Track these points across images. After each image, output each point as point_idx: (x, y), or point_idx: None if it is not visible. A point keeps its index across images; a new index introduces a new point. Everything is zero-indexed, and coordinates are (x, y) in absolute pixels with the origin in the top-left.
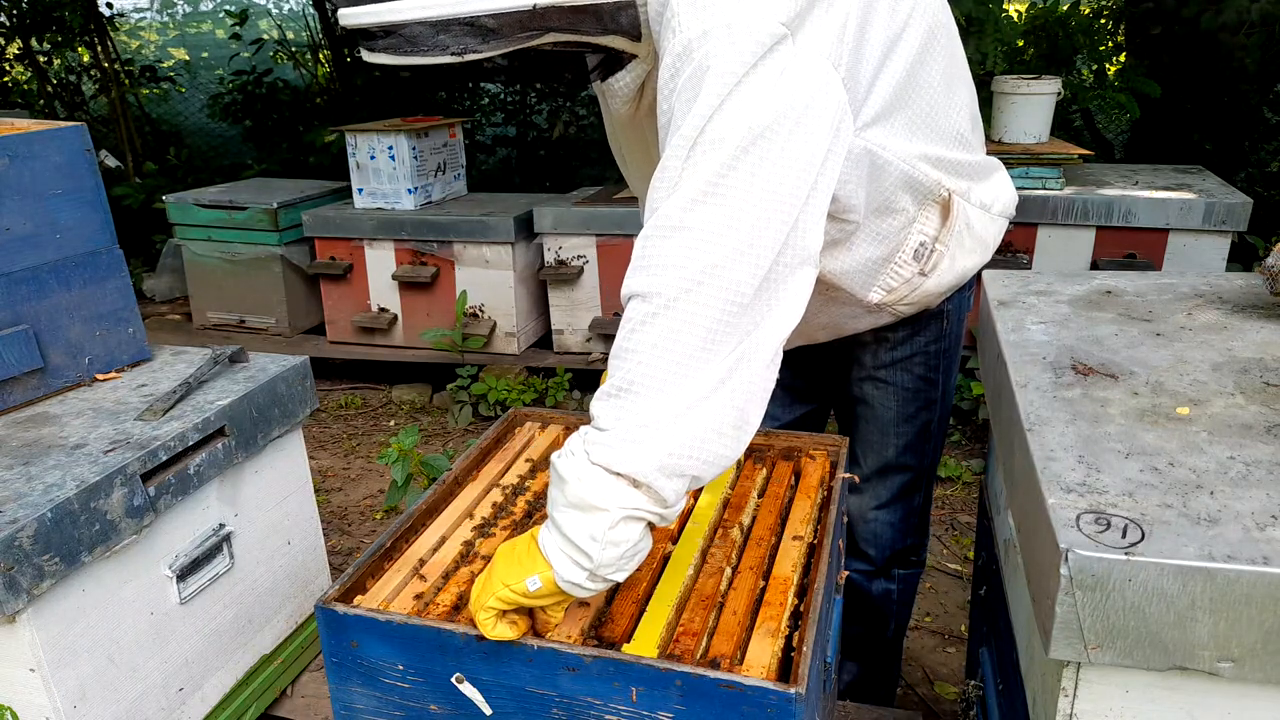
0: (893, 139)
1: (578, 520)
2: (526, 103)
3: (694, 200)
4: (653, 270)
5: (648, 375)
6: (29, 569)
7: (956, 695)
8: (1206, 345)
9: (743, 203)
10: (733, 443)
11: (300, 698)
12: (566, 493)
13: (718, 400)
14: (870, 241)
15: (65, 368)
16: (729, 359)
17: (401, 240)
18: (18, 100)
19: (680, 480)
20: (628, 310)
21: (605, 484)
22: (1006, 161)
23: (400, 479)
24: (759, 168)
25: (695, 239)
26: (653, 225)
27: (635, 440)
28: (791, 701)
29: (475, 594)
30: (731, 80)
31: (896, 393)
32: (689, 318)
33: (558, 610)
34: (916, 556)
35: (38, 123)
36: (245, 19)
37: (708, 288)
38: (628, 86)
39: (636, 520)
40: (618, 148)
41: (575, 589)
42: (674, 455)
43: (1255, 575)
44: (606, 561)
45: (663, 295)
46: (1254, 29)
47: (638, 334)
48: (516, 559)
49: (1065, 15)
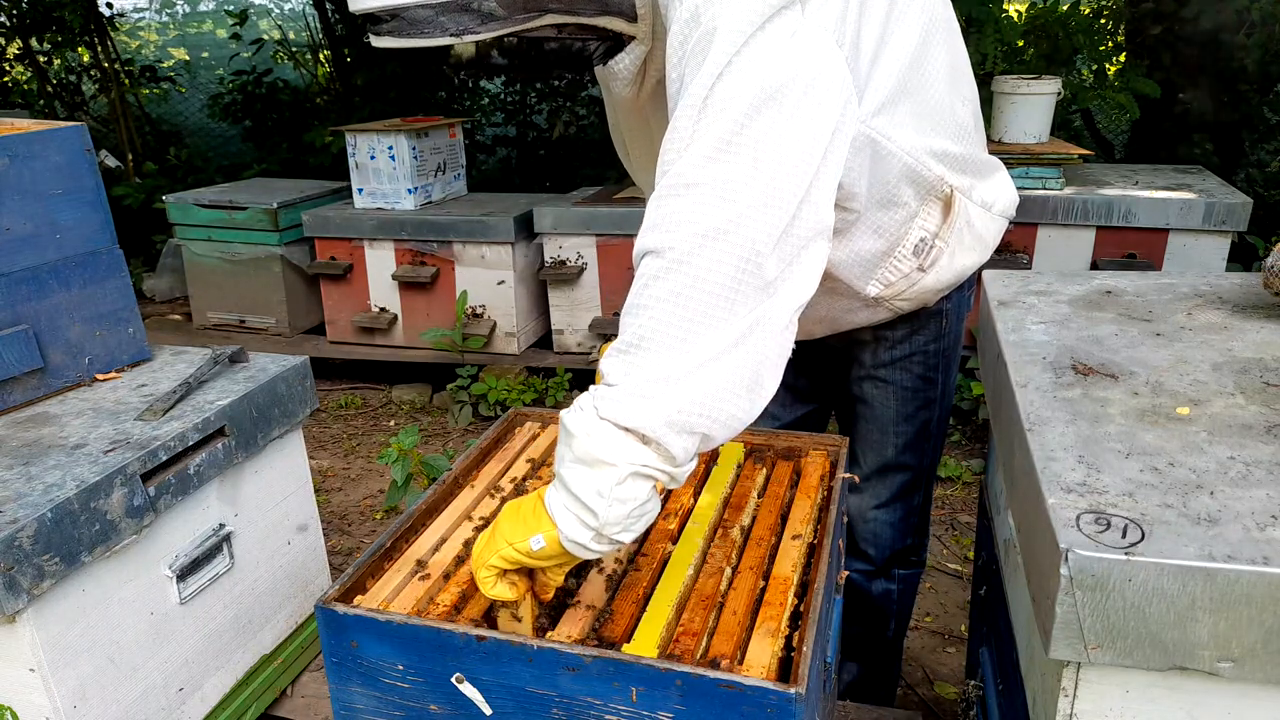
0: (896, 129)
1: (585, 476)
2: (526, 103)
3: (708, 158)
4: (666, 227)
5: (659, 331)
6: (29, 569)
7: (957, 695)
8: (1206, 345)
9: (757, 160)
10: (745, 403)
11: (300, 698)
12: (574, 447)
13: (731, 360)
14: (871, 234)
15: (65, 368)
16: (744, 320)
17: (401, 240)
18: (18, 100)
19: (690, 438)
20: (641, 267)
21: (614, 439)
22: (1006, 161)
23: (400, 479)
24: (772, 127)
25: (709, 194)
26: (665, 185)
27: (645, 395)
28: (791, 701)
29: (477, 551)
30: (740, 39)
31: (896, 392)
32: (703, 273)
33: (558, 573)
34: (916, 556)
35: (38, 123)
36: (245, 19)
37: (722, 244)
38: (628, 69)
39: (645, 478)
40: (620, 139)
41: (580, 549)
42: (684, 412)
43: (1255, 575)
44: (613, 519)
45: (676, 250)
46: (1254, 29)
47: (650, 289)
48: (521, 518)
49: (1065, 15)
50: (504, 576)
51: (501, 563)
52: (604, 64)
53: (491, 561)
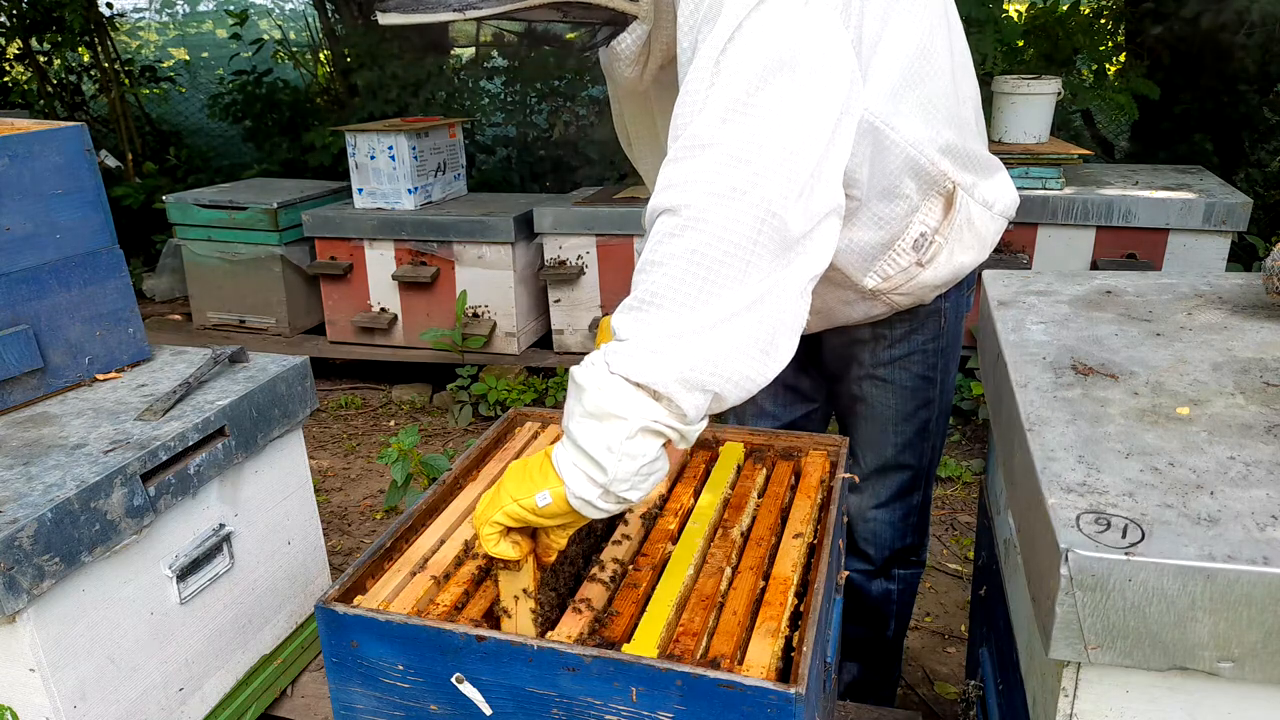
0: (900, 119)
1: (594, 430)
2: (526, 102)
3: (722, 119)
4: (682, 186)
5: (673, 289)
6: (29, 569)
7: (957, 695)
8: (1206, 345)
9: (773, 122)
10: (759, 365)
11: (300, 698)
12: (584, 401)
13: (746, 321)
14: (872, 225)
15: (65, 368)
16: (761, 283)
17: (401, 240)
18: (18, 100)
19: (702, 395)
20: (656, 225)
21: (625, 393)
22: (1006, 161)
23: (400, 479)
24: (787, 91)
25: (726, 154)
26: (679, 146)
27: (657, 350)
28: (791, 701)
29: (480, 509)
30: (753, 1)
31: (895, 391)
32: (720, 232)
33: (562, 535)
34: (916, 557)
35: (38, 123)
36: (245, 19)
37: (739, 203)
38: (630, 48)
39: (655, 434)
40: (623, 128)
41: (586, 507)
42: (696, 369)
43: (1255, 575)
44: (622, 475)
45: (692, 208)
46: (1254, 29)
47: (665, 246)
48: (527, 474)
49: (1065, 15)
50: (507, 535)
51: (506, 519)
52: (606, 44)
53: (496, 518)
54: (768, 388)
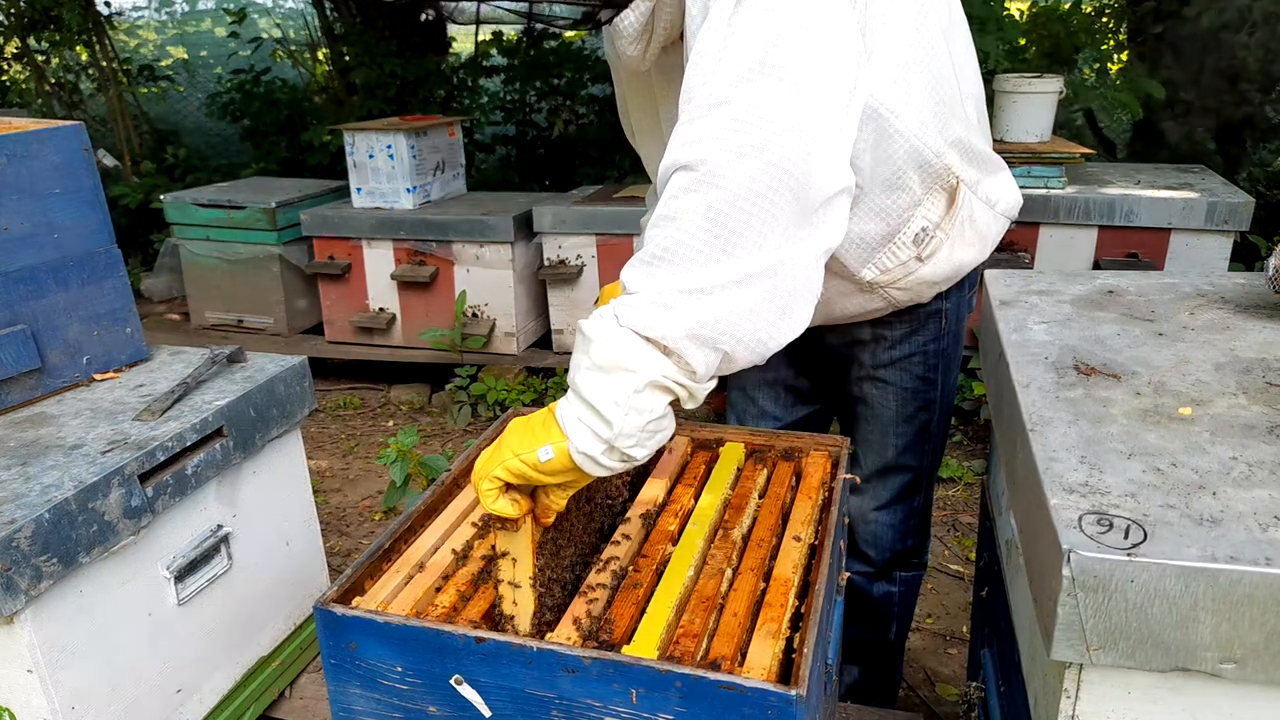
0: (903, 107)
1: (601, 384)
2: (526, 101)
3: (740, 77)
4: (699, 142)
5: (688, 244)
6: (27, 570)
7: (958, 697)
8: (1209, 345)
9: (791, 81)
10: (772, 329)
11: (299, 699)
12: (592, 353)
13: (761, 286)
14: (873, 216)
15: (63, 368)
16: (778, 248)
17: (400, 240)
18: (16, 99)
19: (713, 353)
20: (672, 180)
21: (634, 346)
22: (1008, 160)
23: (399, 479)
24: (804, 53)
25: (744, 111)
26: (695, 106)
27: (668, 305)
28: (792, 703)
29: (480, 465)
30: None
31: (896, 392)
32: (738, 189)
33: (561, 496)
34: (918, 559)
35: (36, 122)
36: (243, 17)
37: (757, 161)
38: (633, 25)
39: (663, 390)
40: (626, 115)
41: (589, 463)
42: (708, 326)
43: (1258, 576)
44: (627, 431)
45: (709, 164)
46: (1256, 28)
47: (680, 201)
48: (530, 430)
49: (1067, 14)
50: (507, 492)
51: (506, 474)
52: (609, 22)
53: (495, 473)
54: (768, 389)
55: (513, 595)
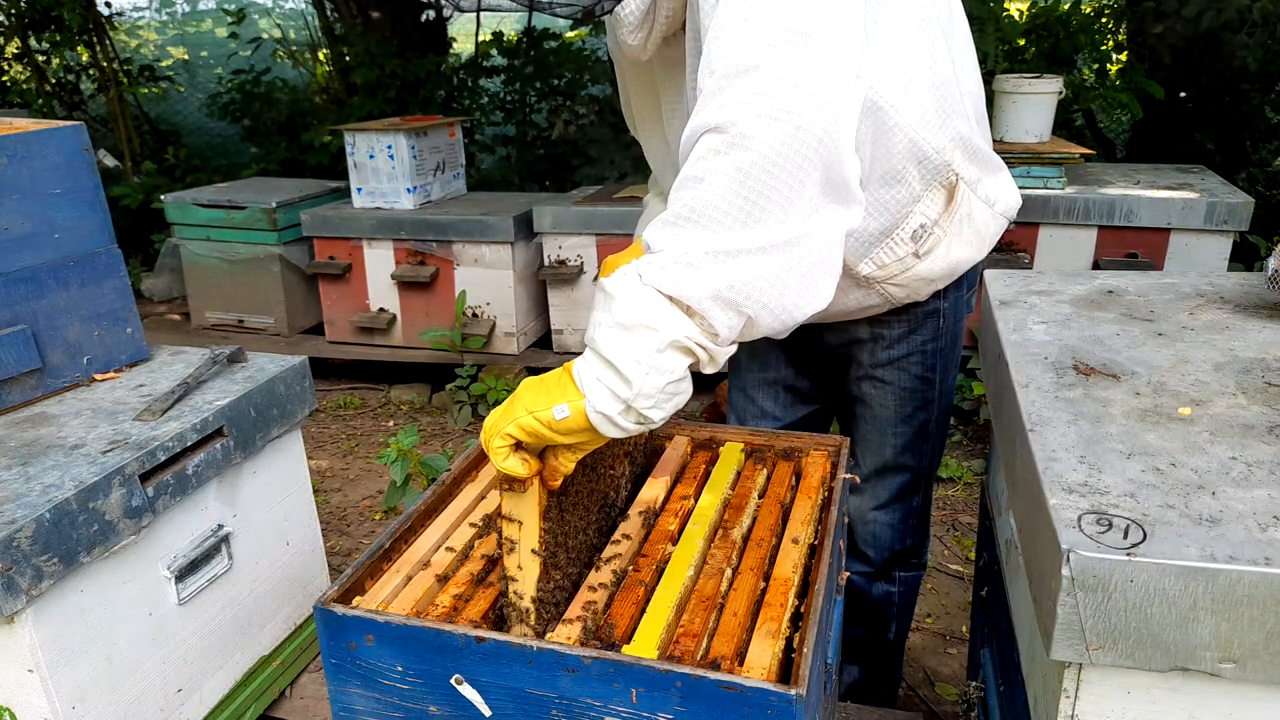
0: (903, 101)
1: (622, 341)
2: (526, 102)
3: (768, 43)
4: (728, 106)
5: (715, 205)
6: (27, 569)
7: (958, 696)
8: (1208, 345)
9: (818, 49)
10: (798, 297)
11: (299, 699)
12: (614, 310)
13: (786, 255)
14: (871, 211)
15: (63, 368)
16: (802, 223)
17: (400, 240)
18: (16, 100)
19: (736, 315)
20: (700, 142)
21: (657, 305)
22: (1008, 160)
23: (399, 479)
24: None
25: (774, 75)
26: (720, 75)
27: (694, 265)
28: (792, 703)
29: (490, 423)
30: None
31: (895, 392)
32: (768, 153)
33: (571, 458)
34: (917, 559)
35: (36, 122)
36: (244, 18)
37: (787, 124)
38: (634, 13)
39: (684, 351)
40: (628, 104)
41: (606, 424)
42: (734, 289)
43: (1257, 576)
44: (647, 391)
45: (739, 125)
46: (1255, 28)
47: (708, 162)
48: (545, 388)
49: (1066, 14)
50: (517, 451)
51: (518, 432)
52: (610, 12)
53: (508, 430)
54: (768, 389)
55: (517, 559)
